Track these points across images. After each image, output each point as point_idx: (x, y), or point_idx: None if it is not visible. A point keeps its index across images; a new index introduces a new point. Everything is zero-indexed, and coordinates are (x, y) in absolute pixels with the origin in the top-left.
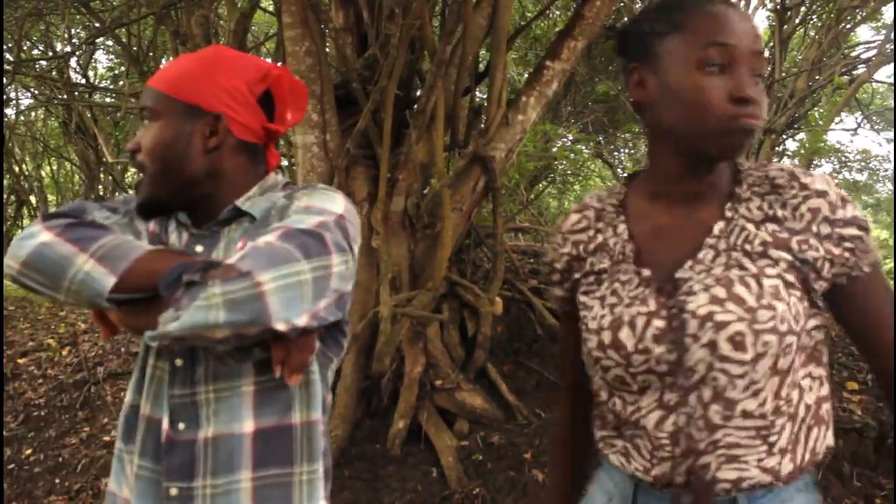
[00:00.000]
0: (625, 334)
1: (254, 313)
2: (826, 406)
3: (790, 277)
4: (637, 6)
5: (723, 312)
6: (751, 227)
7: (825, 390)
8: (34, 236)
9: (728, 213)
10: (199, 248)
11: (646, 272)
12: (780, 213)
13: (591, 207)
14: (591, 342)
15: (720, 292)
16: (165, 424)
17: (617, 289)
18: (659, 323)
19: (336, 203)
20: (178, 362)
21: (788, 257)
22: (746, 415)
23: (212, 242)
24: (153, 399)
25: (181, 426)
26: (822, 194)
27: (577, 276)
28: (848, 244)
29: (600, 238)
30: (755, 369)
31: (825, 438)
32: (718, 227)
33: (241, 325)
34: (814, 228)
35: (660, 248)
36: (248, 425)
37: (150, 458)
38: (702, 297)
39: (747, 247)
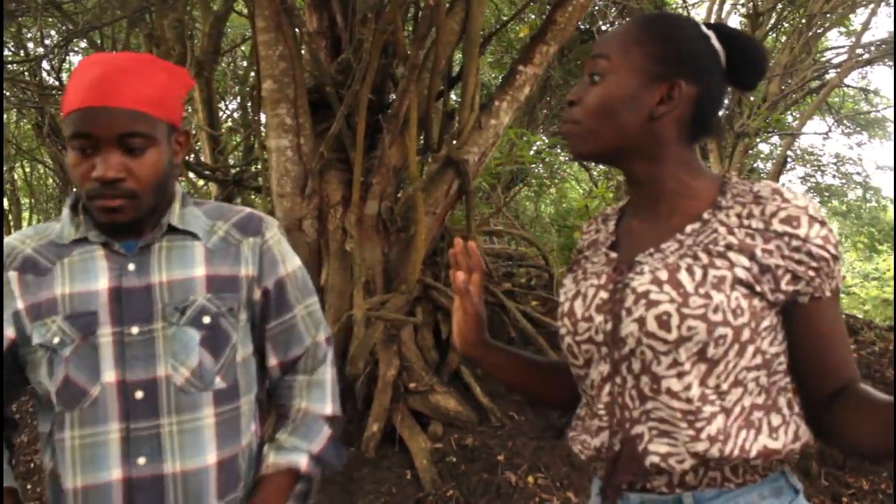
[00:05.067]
0: (578, 304)
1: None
2: (758, 414)
3: (742, 276)
4: (612, 11)
5: (658, 293)
6: (723, 230)
7: (762, 399)
8: None
9: (705, 216)
10: (131, 267)
11: (613, 254)
12: (755, 223)
13: (606, 212)
14: (558, 314)
15: (662, 275)
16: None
17: (587, 268)
18: (604, 294)
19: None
20: (139, 395)
21: (747, 262)
22: (672, 394)
23: (143, 261)
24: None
25: (141, 461)
26: (801, 209)
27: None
28: (814, 264)
29: (598, 235)
30: (678, 351)
31: (756, 442)
32: (692, 226)
33: None
34: (785, 239)
35: (634, 241)
36: (211, 457)
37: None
38: (645, 277)
39: (711, 245)
